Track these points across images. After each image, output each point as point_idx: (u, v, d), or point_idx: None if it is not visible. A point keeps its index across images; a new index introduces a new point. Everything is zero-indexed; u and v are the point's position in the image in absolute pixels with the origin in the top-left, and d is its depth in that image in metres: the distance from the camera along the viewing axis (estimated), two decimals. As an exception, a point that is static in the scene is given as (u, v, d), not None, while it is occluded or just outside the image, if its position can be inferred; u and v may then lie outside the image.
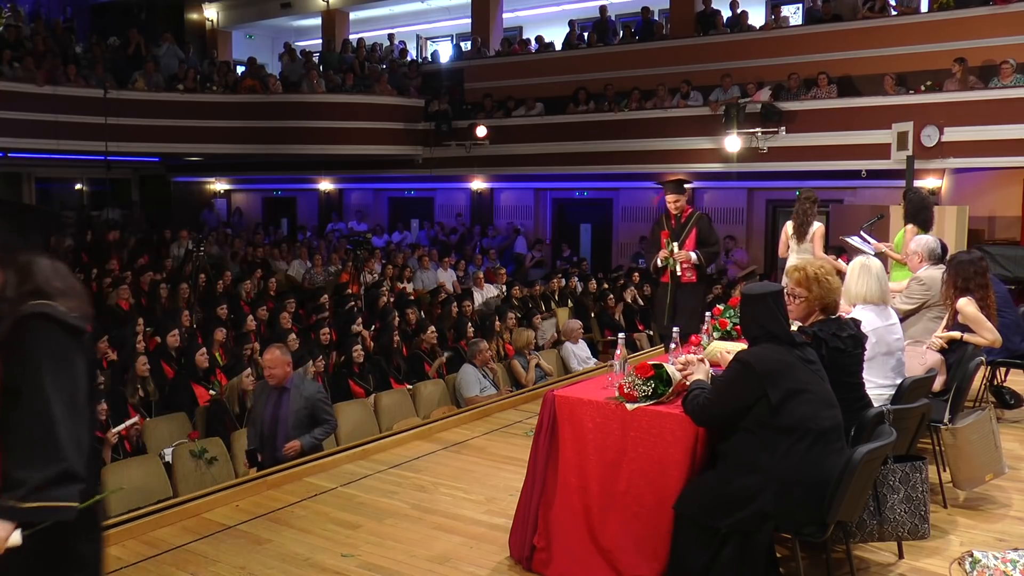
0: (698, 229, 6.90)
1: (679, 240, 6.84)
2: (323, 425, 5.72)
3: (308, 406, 5.64)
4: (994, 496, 4.59)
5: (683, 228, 6.92)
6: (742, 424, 3.19)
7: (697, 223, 6.93)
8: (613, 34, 16.66)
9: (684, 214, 6.95)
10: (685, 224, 6.93)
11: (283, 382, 5.64)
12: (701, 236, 6.90)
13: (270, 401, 5.66)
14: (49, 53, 14.69)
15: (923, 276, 5.70)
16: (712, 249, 7.02)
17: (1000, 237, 12.51)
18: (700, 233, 6.90)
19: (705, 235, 6.93)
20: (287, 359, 5.69)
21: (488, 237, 17.24)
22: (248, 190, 21.59)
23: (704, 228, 6.93)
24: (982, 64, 12.22)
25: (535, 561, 3.74)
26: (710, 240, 6.97)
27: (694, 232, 6.90)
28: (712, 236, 7.03)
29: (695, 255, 6.84)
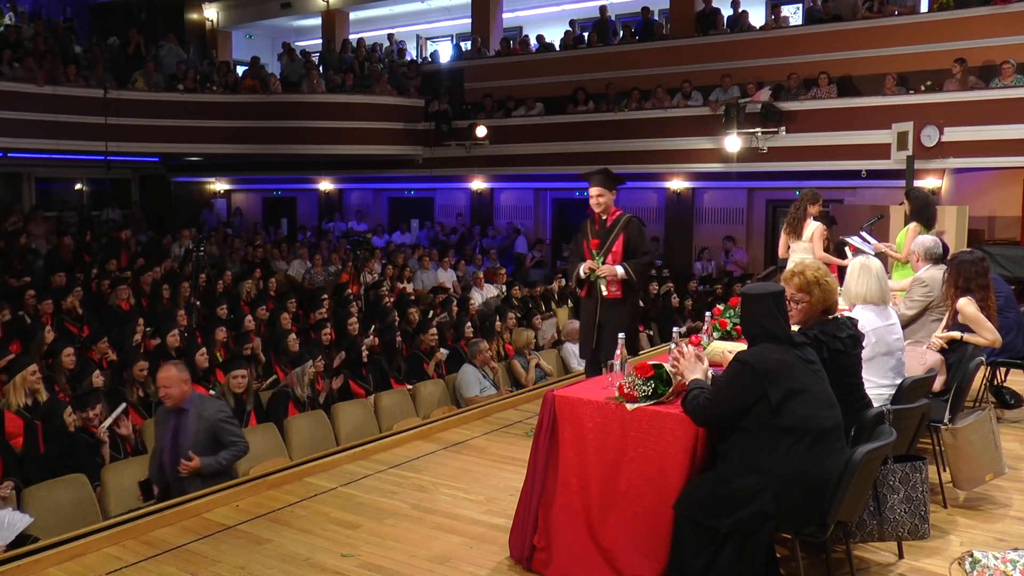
0: (626, 235, 5.84)
1: (603, 249, 5.81)
2: (230, 448, 5.02)
3: (208, 428, 4.96)
4: (994, 496, 4.59)
5: (608, 234, 5.86)
6: (742, 424, 3.19)
7: (625, 228, 5.86)
8: (613, 34, 16.66)
9: (610, 216, 5.91)
10: (611, 229, 5.87)
11: (180, 403, 4.97)
12: (630, 244, 5.85)
13: (168, 425, 5.01)
14: (49, 53, 14.68)
15: (924, 277, 5.70)
16: (644, 260, 5.95)
17: (1000, 237, 12.51)
18: (628, 240, 5.84)
19: (635, 242, 5.87)
20: (184, 376, 5.01)
21: (488, 237, 17.24)
22: (248, 190, 21.59)
23: (634, 234, 5.87)
24: (982, 64, 12.23)
25: (535, 561, 3.75)
26: (641, 248, 5.91)
27: (621, 239, 5.84)
28: (643, 244, 5.96)
29: (622, 269, 5.77)
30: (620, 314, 5.83)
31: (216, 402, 5.36)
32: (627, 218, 5.93)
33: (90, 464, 5.46)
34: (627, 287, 5.87)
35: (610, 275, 5.77)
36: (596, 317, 5.87)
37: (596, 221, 5.94)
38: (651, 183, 15.89)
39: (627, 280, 5.83)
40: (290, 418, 6.59)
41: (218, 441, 4.99)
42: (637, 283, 5.91)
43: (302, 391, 7.03)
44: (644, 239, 6.00)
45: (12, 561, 3.83)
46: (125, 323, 8.75)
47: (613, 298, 5.85)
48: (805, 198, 7.33)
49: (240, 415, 6.60)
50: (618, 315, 5.82)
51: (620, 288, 5.84)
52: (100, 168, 15.84)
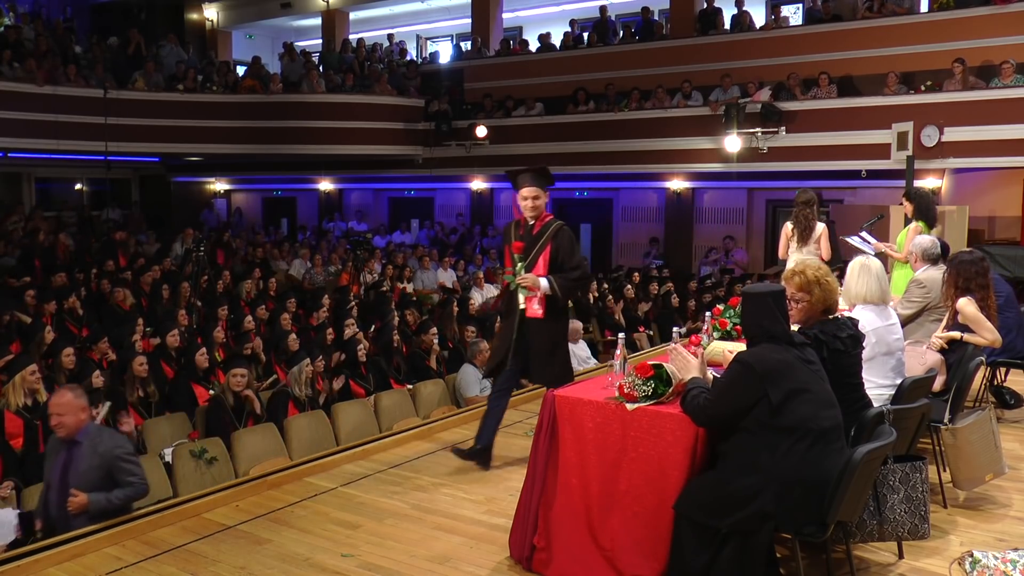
0: (554, 246, 5.07)
1: (529, 258, 5.06)
2: (125, 488, 4.37)
3: (103, 464, 4.33)
4: (994, 496, 4.59)
5: (535, 242, 5.10)
6: (742, 424, 3.18)
7: (554, 237, 5.07)
8: (613, 34, 16.67)
9: (539, 222, 5.14)
10: (538, 237, 5.11)
11: (74, 434, 4.35)
12: (558, 256, 5.06)
13: (59, 457, 4.41)
14: (49, 53, 14.69)
15: (922, 278, 5.70)
16: (573, 275, 5.09)
17: (1000, 237, 12.51)
18: (557, 251, 5.07)
19: (563, 255, 5.07)
20: (80, 404, 4.38)
21: (488, 237, 17.24)
22: (248, 190, 21.59)
23: (563, 245, 5.08)
24: (982, 64, 12.23)
25: (535, 561, 3.75)
26: (570, 262, 5.08)
27: (548, 249, 5.07)
28: (574, 257, 5.10)
29: (546, 282, 4.99)
30: (541, 337, 5.05)
31: (115, 437, 4.67)
32: (557, 226, 5.13)
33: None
34: (551, 306, 5.04)
35: (532, 286, 4.99)
36: (513, 335, 5.08)
37: (522, 226, 5.19)
38: (651, 183, 15.89)
39: (551, 297, 5.03)
40: (290, 418, 6.59)
41: (112, 479, 4.37)
42: (563, 302, 5.13)
43: (300, 391, 7.03)
44: (575, 252, 5.14)
45: (12, 561, 3.83)
46: (125, 323, 8.75)
47: (533, 317, 5.02)
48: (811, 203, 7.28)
49: (240, 415, 6.61)
50: (539, 338, 5.05)
51: (543, 306, 5.02)
52: (100, 168, 15.85)
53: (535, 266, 5.06)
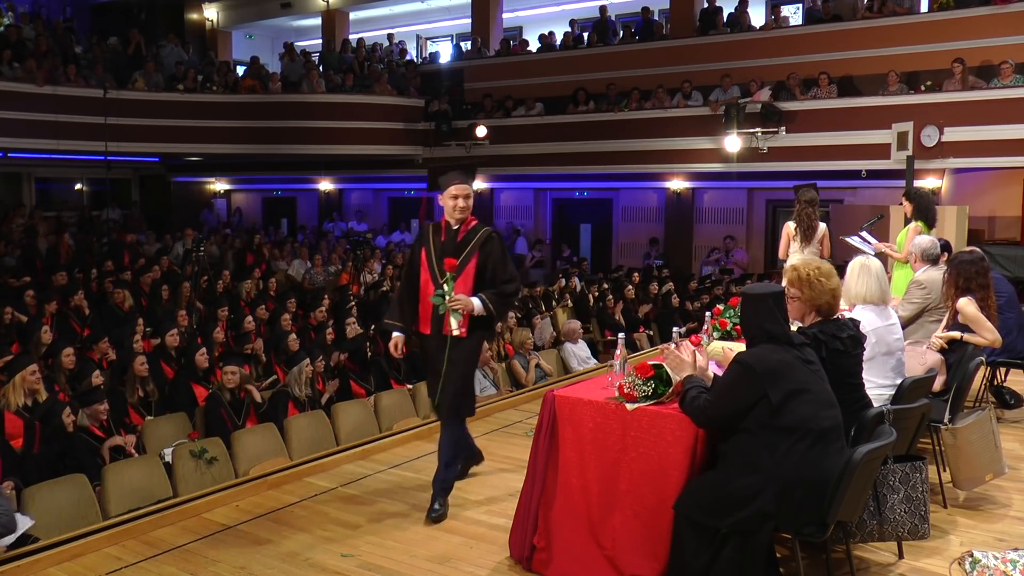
0: (482, 255, 4.42)
1: (455, 271, 4.38)
2: None
3: None
4: (994, 496, 4.59)
5: (461, 250, 4.42)
6: (742, 425, 3.18)
7: (483, 245, 4.43)
8: (613, 34, 16.67)
9: (464, 227, 4.47)
10: (463, 244, 4.44)
11: None
12: (488, 267, 4.44)
13: None
14: (49, 53, 14.69)
15: (922, 279, 5.70)
16: (508, 290, 4.50)
17: (1000, 237, 12.52)
18: (486, 262, 4.43)
19: (494, 266, 4.45)
20: None
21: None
22: (248, 190, 21.59)
23: (495, 254, 4.45)
24: (982, 64, 12.24)
25: (535, 561, 3.75)
26: (502, 274, 4.46)
27: (475, 259, 4.41)
28: (506, 268, 4.50)
29: (479, 303, 4.35)
30: (462, 356, 4.43)
31: None
32: (486, 233, 4.47)
33: (90, 464, 5.46)
34: (474, 323, 4.41)
35: (466, 310, 4.33)
36: (444, 359, 4.41)
37: (443, 231, 4.49)
38: (651, 183, 15.89)
39: (478, 317, 4.39)
40: (290, 418, 6.59)
41: None
42: (496, 322, 4.63)
43: (300, 391, 7.03)
44: (508, 262, 4.53)
45: (12, 561, 3.83)
46: (125, 323, 8.75)
47: (449, 335, 4.41)
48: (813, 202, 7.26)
49: (238, 412, 6.62)
50: (460, 357, 4.43)
51: (466, 324, 4.38)
52: (100, 168, 15.84)
53: (459, 279, 4.37)
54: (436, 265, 4.44)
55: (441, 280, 4.38)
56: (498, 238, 4.56)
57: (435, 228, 4.56)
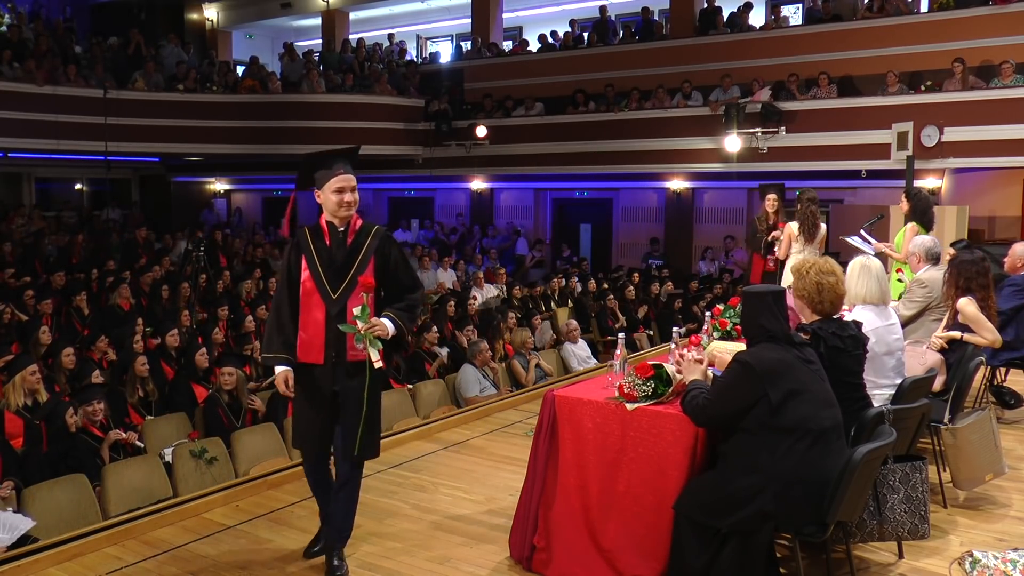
0: (379, 259, 3.73)
1: (345, 281, 3.67)
2: None
3: None
4: (994, 496, 4.59)
5: (352, 257, 3.72)
6: (742, 424, 3.18)
7: (379, 248, 3.75)
8: (613, 34, 16.67)
9: (352, 227, 3.78)
10: (354, 249, 3.74)
11: None
12: (387, 273, 3.75)
13: None
14: (49, 53, 14.69)
15: (924, 278, 5.70)
16: (415, 298, 3.81)
17: (1000, 237, 12.50)
18: (385, 267, 3.74)
19: (398, 270, 3.79)
20: None
21: (488, 237, 17.25)
22: (248, 190, 21.59)
23: (394, 257, 3.78)
24: (982, 64, 12.23)
25: (535, 561, 3.75)
26: (404, 280, 3.80)
27: (372, 265, 3.70)
28: (409, 272, 3.86)
29: (391, 324, 3.63)
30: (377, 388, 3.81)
31: None
32: (380, 232, 3.80)
33: (90, 464, 5.46)
34: (386, 348, 3.77)
35: (385, 333, 3.60)
36: (364, 396, 3.67)
37: (326, 234, 3.76)
38: (651, 183, 15.89)
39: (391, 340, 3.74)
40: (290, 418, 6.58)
41: None
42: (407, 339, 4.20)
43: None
44: (409, 264, 3.90)
45: (12, 561, 3.83)
46: (125, 323, 8.75)
47: (356, 360, 3.64)
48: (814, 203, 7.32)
49: (236, 413, 6.62)
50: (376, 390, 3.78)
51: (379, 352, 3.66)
52: (100, 168, 15.85)
53: (353, 294, 3.61)
54: (324, 278, 3.66)
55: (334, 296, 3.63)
56: (391, 238, 3.84)
57: (314, 232, 3.79)
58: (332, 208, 3.76)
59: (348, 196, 3.74)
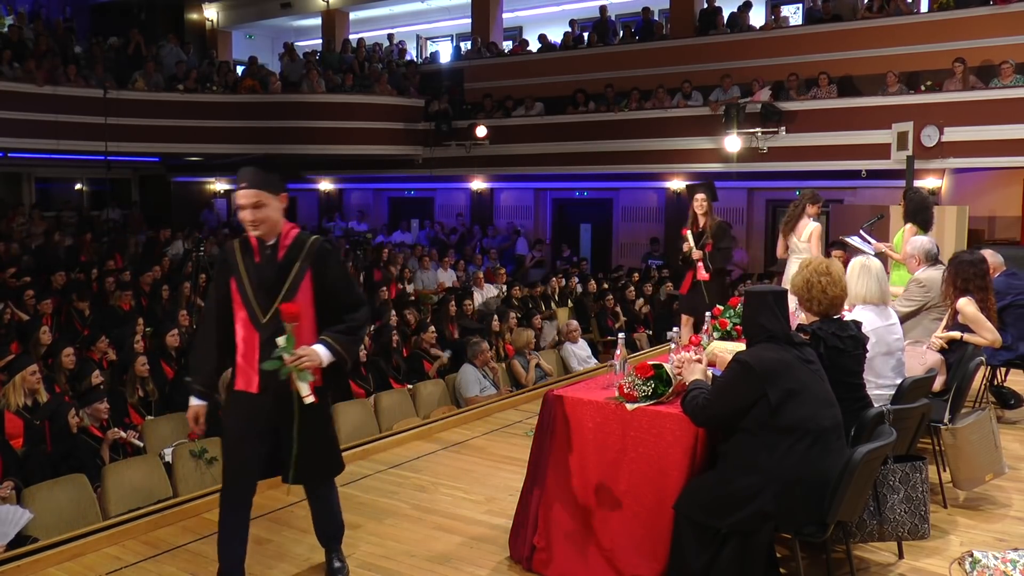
0: (315, 277, 3.33)
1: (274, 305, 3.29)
2: None
3: None
4: (994, 496, 4.59)
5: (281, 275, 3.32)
6: (742, 424, 3.18)
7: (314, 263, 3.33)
8: (613, 34, 16.68)
9: (282, 242, 3.34)
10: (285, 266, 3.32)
11: None
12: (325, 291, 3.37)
13: None
14: (49, 53, 14.69)
15: (922, 278, 5.70)
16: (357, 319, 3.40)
17: (1000, 237, 12.51)
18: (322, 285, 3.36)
19: (337, 286, 3.38)
20: None
21: (488, 237, 17.25)
22: (248, 190, 21.56)
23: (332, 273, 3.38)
24: (982, 64, 12.23)
25: (535, 561, 3.75)
26: (347, 297, 3.41)
27: (307, 286, 3.32)
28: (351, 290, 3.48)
29: (326, 351, 3.27)
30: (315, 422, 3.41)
31: None
32: (315, 245, 3.35)
33: (91, 465, 5.47)
34: (325, 377, 3.37)
35: (315, 365, 3.22)
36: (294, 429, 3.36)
37: (255, 250, 3.34)
38: (651, 183, 15.89)
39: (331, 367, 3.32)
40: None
41: None
42: (350, 365, 3.47)
43: (302, 391, 7.03)
44: (350, 280, 3.50)
45: (12, 561, 3.84)
46: (125, 323, 8.75)
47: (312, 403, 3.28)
48: (805, 197, 7.37)
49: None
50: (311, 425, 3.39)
51: (320, 379, 3.31)
52: (100, 168, 15.85)
53: (287, 314, 3.20)
54: (254, 300, 3.28)
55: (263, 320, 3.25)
56: (331, 250, 3.41)
57: (243, 245, 3.35)
58: (242, 222, 3.31)
59: (247, 215, 3.24)
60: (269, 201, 3.26)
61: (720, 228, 7.30)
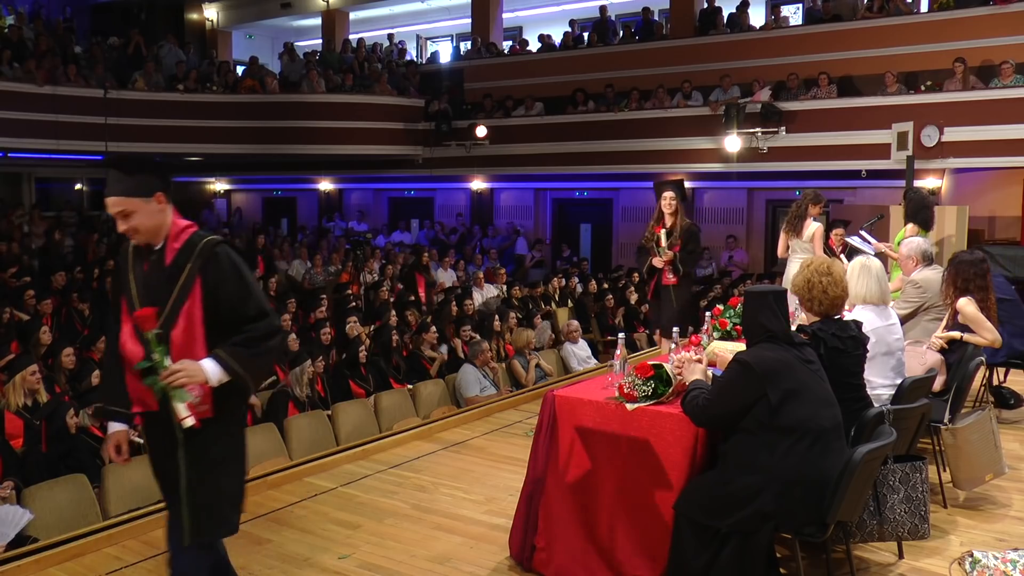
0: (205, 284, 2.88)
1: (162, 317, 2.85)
2: None
3: None
4: (994, 496, 4.59)
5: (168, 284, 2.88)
6: (742, 424, 3.18)
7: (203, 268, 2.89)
8: (613, 34, 16.67)
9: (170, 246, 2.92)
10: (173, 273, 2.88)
11: None
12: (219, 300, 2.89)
13: None
14: (49, 53, 14.69)
15: (918, 278, 5.71)
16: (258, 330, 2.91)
17: (1000, 237, 12.51)
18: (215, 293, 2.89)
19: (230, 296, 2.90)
20: None
21: (488, 237, 17.25)
22: (248, 190, 21.59)
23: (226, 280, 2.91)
24: (982, 64, 12.23)
25: (535, 561, 3.75)
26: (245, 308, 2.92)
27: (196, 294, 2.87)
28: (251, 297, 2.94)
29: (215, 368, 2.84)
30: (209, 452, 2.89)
31: None
32: (207, 248, 2.89)
33: (91, 465, 5.46)
34: (221, 397, 2.86)
35: (193, 382, 2.76)
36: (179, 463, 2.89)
37: (144, 256, 2.94)
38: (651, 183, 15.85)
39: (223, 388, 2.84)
40: (290, 418, 6.59)
41: None
42: (254, 385, 3.08)
43: (301, 391, 7.04)
44: (250, 287, 2.93)
45: (12, 561, 3.84)
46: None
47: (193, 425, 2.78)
48: (807, 198, 7.37)
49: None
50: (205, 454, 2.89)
51: (208, 402, 2.83)
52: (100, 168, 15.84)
53: (175, 328, 2.80)
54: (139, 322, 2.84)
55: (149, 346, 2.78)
56: (228, 254, 2.91)
57: (135, 251, 2.96)
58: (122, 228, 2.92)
59: (119, 225, 2.88)
60: (138, 207, 2.83)
61: (689, 230, 6.92)
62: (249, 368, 2.88)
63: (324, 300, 10.43)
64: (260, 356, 2.91)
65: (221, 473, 2.93)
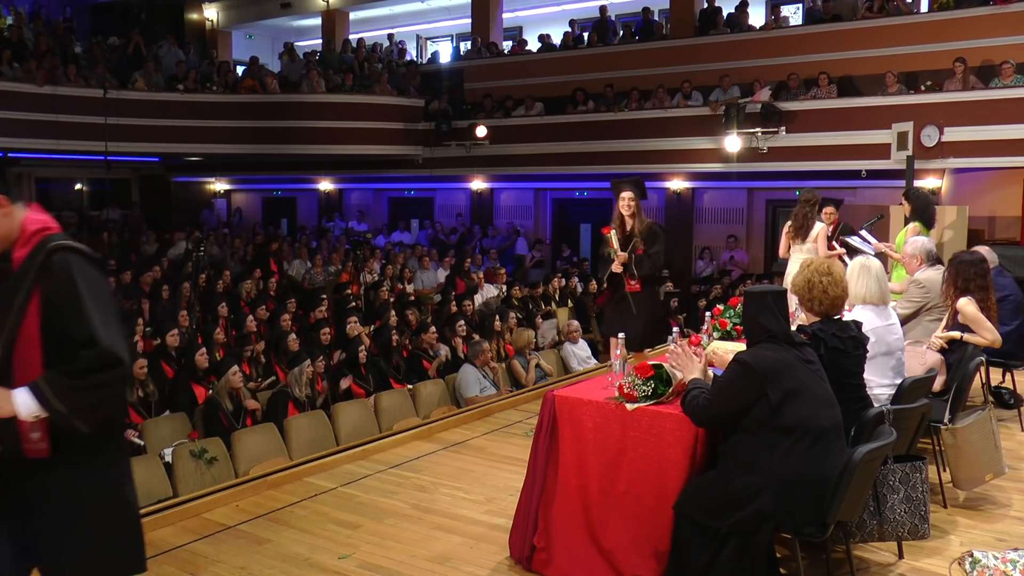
0: (43, 298, 2.39)
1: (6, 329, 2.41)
2: None
3: None
4: (994, 496, 4.59)
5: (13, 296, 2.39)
6: (742, 424, 3.18)
7: (41, 280, 2.40)
8: (613, 34, 16.67)
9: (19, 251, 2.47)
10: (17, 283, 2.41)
11: None
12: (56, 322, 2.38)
13: None
14: (49, 53, 14.69)
15: (921, 278, 5.71)
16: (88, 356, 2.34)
17: (1000, 237, 12.51)
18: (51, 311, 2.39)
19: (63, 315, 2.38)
20: None
21: (488, 237, 17.25)
22: (248, 190, 21.60)
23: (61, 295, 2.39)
24: (982, 64, 12.23)
25: (535, 561, 3.75)
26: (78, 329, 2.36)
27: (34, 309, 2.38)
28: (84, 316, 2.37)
29: (30, 400, 2.32)
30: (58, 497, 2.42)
31: None
32: (47, 254, 2.42)
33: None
34: (61, 441, 2.39)
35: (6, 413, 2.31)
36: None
37: None
38: (651, 183, 15.75)
39: (60, 422, 2.34)
40: (290, 418, 6.60)
41: None
42: (83, 423, 2.36)
43: (301, 391, 7.04)
44: (85, 307, 2.36)
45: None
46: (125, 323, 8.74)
47: (36, 456, 2.37)
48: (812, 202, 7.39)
49: (237, 415, 6.61)
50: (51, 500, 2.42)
51: (45, 439, 2.36)
52: (100, 168, 15.83)
53: (15, 350, 2.36)
54: None
55: None
56: (65, 263, 2.40)
57: None
58: None
59: None
60: None
61: (650, 231, 6.43)
62: (70, 402, 2.31)
63: (324, 300, 10.44)
64: (86, 391, 2.32)
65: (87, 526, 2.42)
